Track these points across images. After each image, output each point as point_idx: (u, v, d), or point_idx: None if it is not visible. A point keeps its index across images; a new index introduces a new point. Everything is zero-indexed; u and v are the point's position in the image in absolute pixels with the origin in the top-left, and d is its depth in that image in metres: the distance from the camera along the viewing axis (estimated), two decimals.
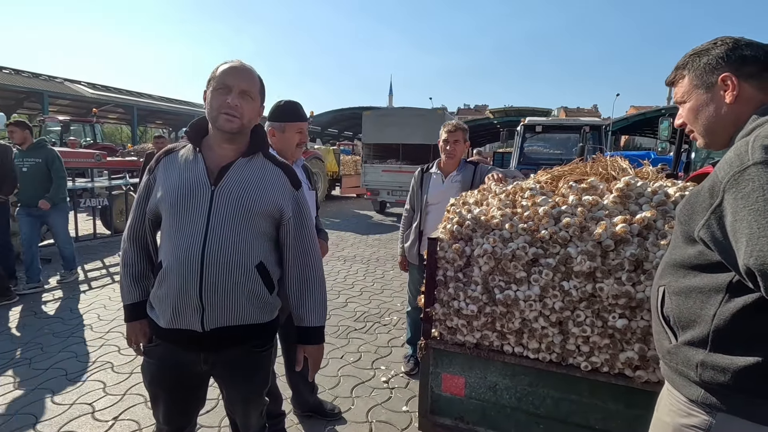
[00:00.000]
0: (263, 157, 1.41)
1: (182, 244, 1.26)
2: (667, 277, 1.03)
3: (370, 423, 2.45)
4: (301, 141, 2.07)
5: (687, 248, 0.97)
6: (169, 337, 1.33)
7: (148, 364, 1.41)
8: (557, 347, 1.61)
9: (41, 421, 2.37)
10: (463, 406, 1.84)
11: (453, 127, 2.68)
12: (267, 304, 1.39)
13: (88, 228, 6.83)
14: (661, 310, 1.03)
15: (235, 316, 1.32)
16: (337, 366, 3.09)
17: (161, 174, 1.36)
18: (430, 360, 1.86)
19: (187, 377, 1.39)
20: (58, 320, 3.75)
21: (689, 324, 0.95)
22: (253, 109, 1.33)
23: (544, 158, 9.19)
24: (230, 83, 1.28)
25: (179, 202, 1.28)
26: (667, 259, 1.05)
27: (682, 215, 0.98)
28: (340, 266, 5.92)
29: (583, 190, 1.65)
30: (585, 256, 1.50)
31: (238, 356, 1.39)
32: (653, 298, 1.08)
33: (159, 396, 1.41)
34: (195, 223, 1.27)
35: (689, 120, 1.08)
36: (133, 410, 2.47)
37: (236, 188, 1.31)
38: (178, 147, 1.41)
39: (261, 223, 1.34)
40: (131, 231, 1.43)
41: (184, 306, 1.27)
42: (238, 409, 1.49)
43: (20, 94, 23.49)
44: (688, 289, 0.95)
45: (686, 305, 0.95)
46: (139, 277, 1.43)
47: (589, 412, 1.63)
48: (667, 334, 1.01)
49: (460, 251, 1.72)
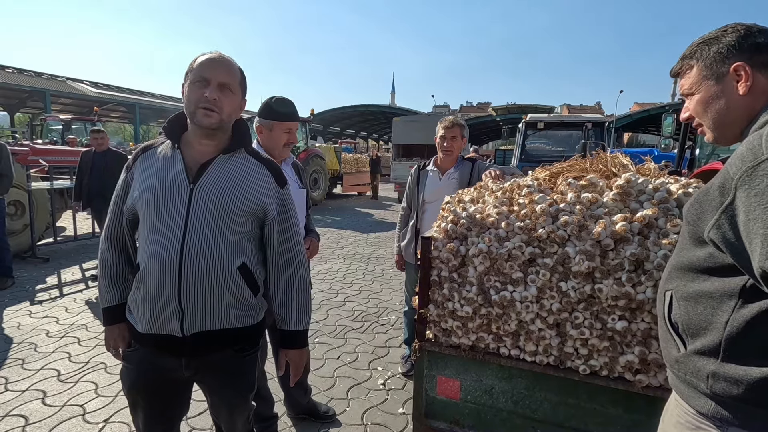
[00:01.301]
0: (246, 154, 1.35)
1: (159, 245, 1.21)
2: (674, 281, 0.97)
3: (365, 426, 2.40)
4: (289, 141, 2.01)
5: (696, 250, 0.91)
6: (148, 342, 1.28)
7: (127, 369, 1.35)
8: (555, 350, 1.56)
9: (31, 423, 2.33)
10: (458, 410, 1.78)
11: (450, 123, 2.62)
12: (251, 306, 1.34)
13: (87, 227, 6.81)
14: (668, 317, 0.97)
15: (216, 320, 1.26)
16: (333, 367, 3.04)
17: (138, 172, 1.30)
18: (424, 362, 1.81)
19: (167, 383, 1.34)
20: (52, 320, 3.72)
21: (699, 331, 0.89)
22: (232, 103, 1.26)
23: (546, 155, 9.11)
24: (208, 76, 1.21)
25: (156, 201, 1.22)
26: (674, 261, 0.98)
27: (690, 215, 0.92)
28: (340, 264, 5.87)
29: (582, 188, 1.59)
30: (583, 256, 1.44)
31: (220, 361, 1.33)
32: (659, 304, 1.02)
33: (138, 403, 1.35)
34: (173, 223, 1.21)
35: (697, 113, 1.01)
36: (125, 412, 2.43)
37: (216, 186, 1.25)
38: (157, 143, 1.35)
39: (243, 223, 1.28)
40: (108, 231, 1.37)
41: (162, 310, 1.21)
42: (223, 415, 1.44)
43: (23, 93, 23.61)
44: (698, 294, 0.89)
45: (696, 311, 0.89)
46: (117, 279, 1.37)
47: (588, 417, 1.57)
48: (675, 342, 0.95)
49: (455, 251, 1.66)
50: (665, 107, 24.37)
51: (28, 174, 5.54)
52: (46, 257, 5.60)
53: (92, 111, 20.58)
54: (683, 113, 1.07)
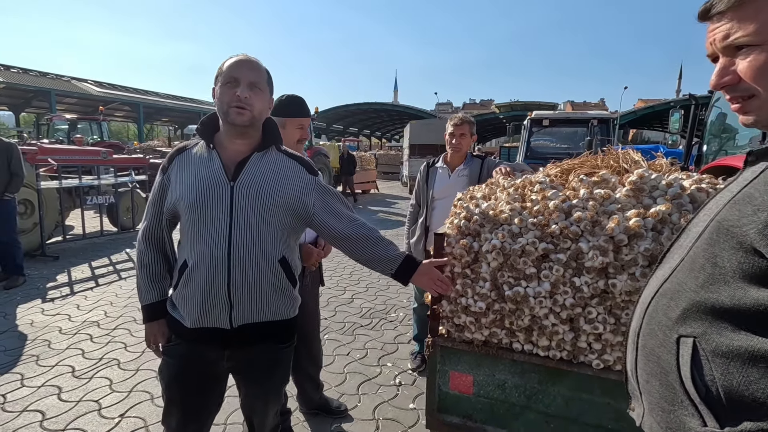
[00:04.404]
0: (277, 151, 1.41)
1: (208, 242, 1.26)
2: (698, 325, 0.67)
3: (377, 420, 2.43)
4: (302, 137, 2.04)
5: (749, 290, 0.61)
6: (195, 336, 1.33)
7: (168, 364, 1.39)
8: (568, 345, 1.57)
9: (48, 418, 2.37)
10: (471, 405, 1.80)
11: (459, 120, 2.63)
12: (291, 298, 1.41)
13: (95, 225, 6.87)
14: (689, 373, 0.67)
15: (261, 312, 1.33)
16: (343, 363, 3.07)
17: (176, 173, 1.34)
18: (437, 358, 1.82)
19: (207, 377, 1.39)
20: (65, 317, 3.77)
21: (753, 407, 0.60)
22: (262, 101, 1.32)
23: (551, 152, 9.09)
24: (238, 76, 1.27)
25: (199, 200, 1.27)
26: (695, 296, 0.68)
27: (737, 230, 0.63)
28: (346, 262, 5.89)
29: (595, 184, 1.60)
30: (597, 252, 1.45)
31: (262, 352, 1.40)
32: (662, 348, 0.72)
33: (175, 398, 1.39)
34: (218, 220, 1.27)
35: (757, 75, 0.65)
36: (140, 407, 2.47)
37: (255, 183, 1.30)
38: (190, 145, 1.40)
39: (282, 217, 1.34)
40: (147, 232, 1.41)
41: (212, 304, 1.28)
42: (259, 405, 1.50)
43: (28, 93, 23.76)
44: (752, 355, 0.60)
45: (748, 378, 0.60)
46: (156, 277, 1.42)
47: (601, 412, 1.59)
48: (696, 410, 0.66)
49: (468, 247, 1.68)
50: (670, 103, 24.25)
51: (37, 173, 5.59)
52: (56, 255, 5.66)
53: (96, 110, 20.71)
54: (720, 76, 0.70)
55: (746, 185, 0.67)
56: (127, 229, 7.18)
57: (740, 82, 0.68)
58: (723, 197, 0.72)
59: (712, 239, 0.68)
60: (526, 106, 23.97)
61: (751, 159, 0.72)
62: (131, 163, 8.48)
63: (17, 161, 4.34)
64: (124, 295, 4.35)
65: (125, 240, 6.81)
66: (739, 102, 0.70)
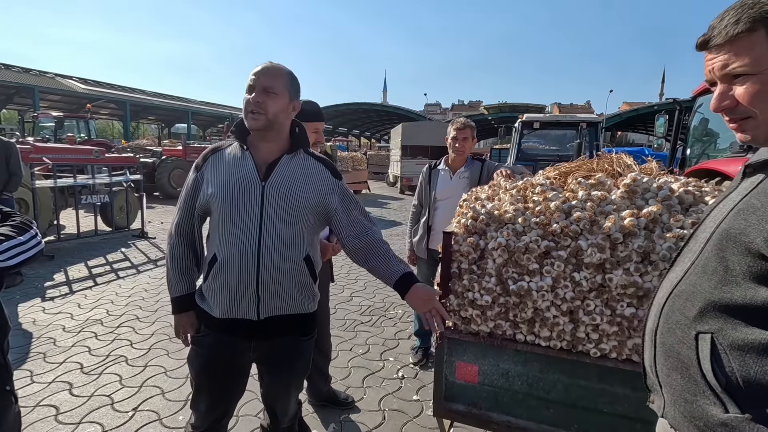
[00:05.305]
0: (305, 154, 1.49)
1: (238, 238, 1.34)
2: (714, 322, 0.75)
3: (383, 411, 2.54)
4: (317, 140, 2.14)
5: (759, 290, 0.69)
6: (223, 327, 1.41)
7: (197, 353, 1.48)
8: (568, 335, 1.70)
9: (62, 412, 2.42)
10: (476, 393, 1.92)
11: (462, 124, 2.76)
12: (313, 294, 1.49)
13: (89, 224, 6.83)
14: (709, 366, 0.74)
15: (287, 306, 1.41)
16: (346, 358, 3.17)
17: (209, 171, 1.42)
18: (444, 349, 1.94)
19: (234, 366, 1.48)
20: (66, 315, 3.79)
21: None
22: (277, 104, 1.36)
23: (540, 154, 9.31)
24: (253, 83, 1.35)
25: (232, 197, 1.35)
26: (710, 297, 0.75)
27: (745, 237, 0.70)
28: (343, 261, 5.98)
29: (592, 186, 1.73)
30: (595, 249, 1.59)
31: (286, 344, 1.49)
32: (682, 344, 0.79)
33: (204, 385, 1.48)
34: (249, 217, 1.34)
35: (754, 100, 0.73)
36: (151, 401, 2.54)
37: (285, 183, 1.39)
38: (224, 145, 1.48)
39: (308, 216, 1.42)
40: (180, 227, 1.48)
41: (241, 296, 1.35)
42: (281, 394, 1.59)
43: (10, 89, 23.19)
44: (766, 347, 0.68)
45: (764, 368, 0.68)
46: (186, 270, 1.50)
47: (597, 397, 1.72)
48: (718, 399, 0.73)
49: (475, 244, 1.80)
50: (654, 107, 24.83)
51: (32, 172, 5.56)
52: (51, 255, 5.63)
53: (82, 107, 20.34)
54: (720, 101, 0.78)
55: (746, 194, 0.75)
56: (122, 228, 7.16)
57: (738, 106, 0.75)
58: (726, 206, 0.80)
59: (721, 245, 0.75)
60: (514, 107, 24.34)
61: (749, 171, 0.80)
62: (123, 162, 8.44)
63: (16, 160, 4.34)
64: (125, 294, 4.38)
65: (119, 239, 6.80)
66: (737, 122, 0.78)
